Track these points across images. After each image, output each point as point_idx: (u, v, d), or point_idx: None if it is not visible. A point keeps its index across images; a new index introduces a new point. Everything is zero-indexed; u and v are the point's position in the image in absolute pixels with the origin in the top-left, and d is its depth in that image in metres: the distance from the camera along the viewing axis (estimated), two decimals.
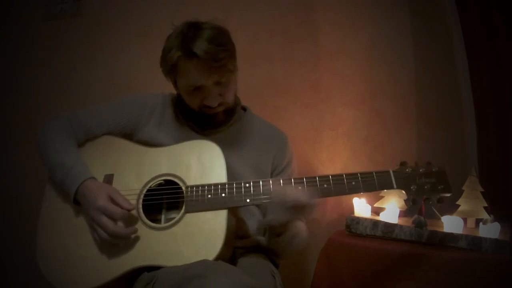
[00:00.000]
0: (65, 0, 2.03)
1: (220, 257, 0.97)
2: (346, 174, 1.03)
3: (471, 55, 1.40)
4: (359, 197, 1.40)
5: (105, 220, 0.99)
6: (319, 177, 1.03)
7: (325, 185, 1.02)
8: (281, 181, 1.04)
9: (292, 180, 1.03)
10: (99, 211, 1.00)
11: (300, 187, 1.02)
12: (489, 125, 1.35)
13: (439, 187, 1.01)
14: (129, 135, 1.19)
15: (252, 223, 1.18)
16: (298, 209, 0.97)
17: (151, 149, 1.14)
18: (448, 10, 1.50)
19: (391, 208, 1.31)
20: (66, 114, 1.19)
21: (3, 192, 2.03)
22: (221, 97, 1.13)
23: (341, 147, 1.65)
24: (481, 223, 1.15)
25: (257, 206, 1.20)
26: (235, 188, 1.03)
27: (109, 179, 1.11)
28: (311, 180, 1.03)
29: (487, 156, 1.36)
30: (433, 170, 1.04)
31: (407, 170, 1.04)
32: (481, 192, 1.24)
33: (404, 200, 1.33)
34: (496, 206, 1.26)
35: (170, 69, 1.11)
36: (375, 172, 1.03)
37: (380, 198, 1.38)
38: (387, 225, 1.25)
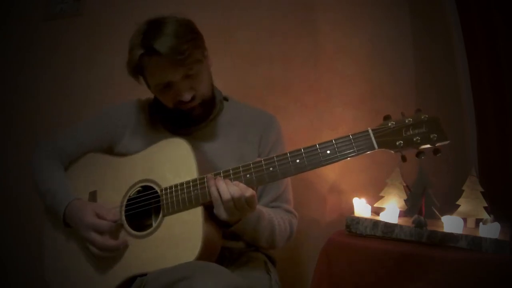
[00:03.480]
0: (65, 0, 2.02)
1: (203, 256, 0.94)
2: (319, 144, 0.92)
3: (471, 55, 1.40)
4: (359, 197, 1.41)
5: (93, 235, 1.01)
6: (290, 152, 0.94)
7: (298, 160, 0.93)
8: (251, 164, 0.97)
9: (262, 160, 0.96)
10: (88, 228, 1.02)
11: (237, 182, 0.94)
12: (489, 125, 1.35)
13: (432, 137, 0.85)
14: (109, 149, 1.19)
15: None
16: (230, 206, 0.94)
17: (126, 158, 1.13)
18: (448, 10, 1.50)
19: (391, 208, 1.31)
20: (47, 141, 1.21)
21: (3, 192, 2.03)
22: (193, 90, 1.08)
23: None
24: (481, 223, 1.15)
25: None
26: (206, 182, 0.98)
27: (93, 196, 1.12)
28: (283, 157, 0.94)
29: (487, 156, 1.36)
30: (423, 118, 0.87)
31: (389, 125, 0.88)
32: (481, 192, 1.24)
33: (404, 200, 1.34)
34: (496, 206, 1.26)
35: (135, 70, 1.08)
36: (352, 135, 0.90)
37: (380, 198, 1.38)
38: (387, 225, 1.25)
